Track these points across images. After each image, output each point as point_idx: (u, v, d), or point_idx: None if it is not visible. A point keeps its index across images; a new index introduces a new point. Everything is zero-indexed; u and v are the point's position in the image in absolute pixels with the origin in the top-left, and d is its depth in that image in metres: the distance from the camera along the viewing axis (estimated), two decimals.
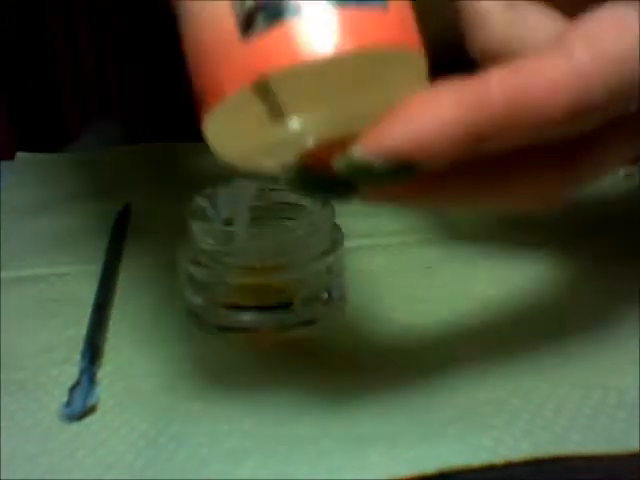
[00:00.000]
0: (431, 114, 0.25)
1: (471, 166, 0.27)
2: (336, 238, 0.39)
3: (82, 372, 0.35)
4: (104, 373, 0.36)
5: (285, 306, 0.37)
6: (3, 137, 1.30)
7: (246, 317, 0.37)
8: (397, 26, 0.25)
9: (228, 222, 0.39)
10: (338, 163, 0.26)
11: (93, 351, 0.36)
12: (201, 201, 0.39)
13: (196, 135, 0.28)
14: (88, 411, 0.33)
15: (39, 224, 0.51)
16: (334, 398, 0.33)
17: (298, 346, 0.37)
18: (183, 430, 0.32)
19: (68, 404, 0.33)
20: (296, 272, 0.38)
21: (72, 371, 0.36)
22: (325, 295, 0.38)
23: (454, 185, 0.28)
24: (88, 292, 0.42)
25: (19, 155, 0.61)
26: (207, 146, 0.27)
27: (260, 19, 0.24)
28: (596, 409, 0.32)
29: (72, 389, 0.34)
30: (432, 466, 0.29)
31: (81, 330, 0.38)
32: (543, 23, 0.31)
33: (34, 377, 0.36)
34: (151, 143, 0.61)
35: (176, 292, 0.41)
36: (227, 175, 0.36)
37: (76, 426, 0.33)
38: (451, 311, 0.39)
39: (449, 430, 0.31)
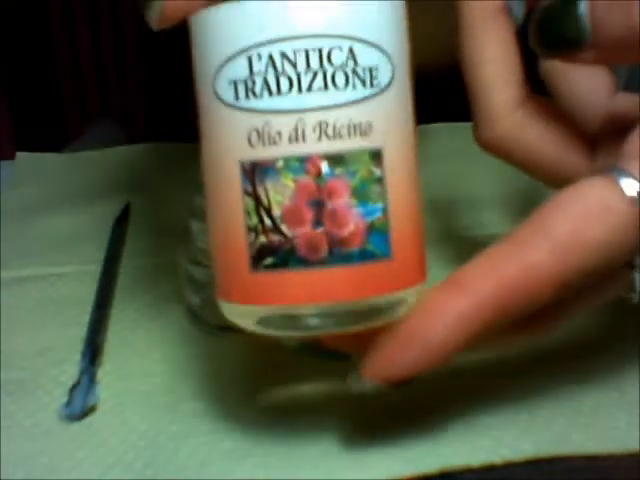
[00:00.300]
0: (422, 343, 0.27)
1: None
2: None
3: (82, 372, 0.35)
4: (104, 373, 0.36)
5: None
6: (3, 137, 1.30)
7: None
8: (400, 271, 0.27)
9: None
10: (352, 386, 0.28)
11: (93, 351, 0.36)
12: (201, 201, 0.39)
13: (196, 135, 0.28)
14: (88, 411, 0.33)
15: (39, 224, 0.51)
16: (334, 397, 0.33)
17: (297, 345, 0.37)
18: (183, 430, 0.32)
19: (68, 404, 0.33)
20: None
21: (72, 371, 0.36)
22: None
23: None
24: (88, 292, 0.42)
25: (19, 155, 0.61)
26: None
27: (268, 260, 0.26)
28: (596, 409, 0.32)
29: (72, 389, 0.34)
30: (432, 466, 0.29)
31: (81, 330, 0.38)
32: (545, 136, 0.32)
33: (34, 377, 0.36)
34: (151, 143, 0.61)
35: (176, 292, 0.41)
36: None
37: (76, 426, 0.33)
38: None
39: (449, 430, 0.31)
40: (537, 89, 0.34)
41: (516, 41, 0.33)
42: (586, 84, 0.34)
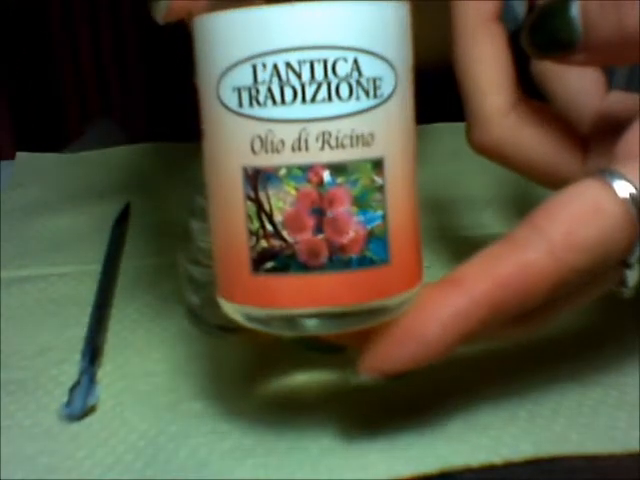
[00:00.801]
0: (418, 340, 0.27)
1: None
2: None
3: (82, 372, 0.35)
4: (104, 373, 0.36)
5: None
6: (3, 137, 1.30)
7: None
8: (398, 276, 0.27)
9: None
10: (350, 379, 0.29)
11: (93, 351, 0.36)
12: (201, 201, 0.39)
13: (196, 135, 0.28)
14: (88, 411, 0.33)
15: (39, 224, 0.51)
16: (334, 397, 0.33)
17: (297, 346, 0.37)
18: (183, 430, 0.32)
19: (68, 404, 0.33)
20: None
21: (72, 371, 0.36)
22: None
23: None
24: (88, 292, 0.42)
25: (19, 155, 0.61)
26: None
27: (269, 264, 0.26)
28: (596, 409, 0.32)
29: (72, 389, 0.34)
30: (432, 466, 0.29)
31: (81, 330, 0.38)
32: (538, 139, 0.33)
33: (34, 377, 0.36)
34: (151, 143, 0.61)
35: (176, 292, 0.41)
36: None
37: (76, 426, 0.33)
38: None
39: (449, 430, 0.31)
40: (530, 93, 0.34)
41: (509, 45, 0.33)
42: (578, 84, 0.34)
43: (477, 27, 0.32)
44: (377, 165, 0.26)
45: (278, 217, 0.26)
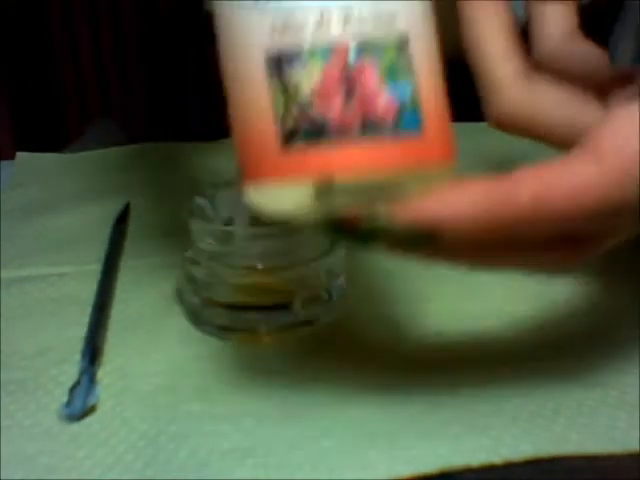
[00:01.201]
0: (458, 199, 0.27)
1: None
2: (336, 239, 0.39)
3: (82, 372, 0.35)
4: (104, 373, 0.36)
5: (285, 306, 0.37)
6: (3, 137, 1.30)
7: (246, 317, 0.37)
8: (430, 147, 0.27)
9: (228, 222, 0.39)
10: (365, 223, 0.27)
11: (93, 351, 0.36)
12: (201, 201, 0.39)
13: (196, 135, 0.28)
14: (88, 411, 0.33)
15: (39, 224, 0.51)
16: (334, 398, 0.33)
17: (298, 346, 0.37)
18: (183, 430, 0.32)
19: (68, 404, 0.33)
20: (296, 272, 0.38)
21: (72, 371, 0.36)
22: (325, 295, 0.38)
23: (471, 252, 0.28)
24: (88, 292, 0.42)
25: (19, 155, 0.61)
26: (207, 146, 0.28)
27: (299, 139, 0.26)
28: (596, 409, 0.32)
29: (72, 389, 0.34)
30: (432, 466, 0.29)
31: (81, 330, 0.38)
32: (554, 96, 0.33)
33: (34, 377, 0.36)
34: (151, 143, 0.61)
35: (176, 292, 0.41)
36: (227, 176, 0.36)
37: (76, 426, 0.33)
38: (452, 310, 0.39)
39: (449, 430, 0.31)
40: None
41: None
42: (585, 59, 0.34)
43: (482, 5, 0.33)
44: (402, 41, 0.27)
45: (306, 95, 0.26)
